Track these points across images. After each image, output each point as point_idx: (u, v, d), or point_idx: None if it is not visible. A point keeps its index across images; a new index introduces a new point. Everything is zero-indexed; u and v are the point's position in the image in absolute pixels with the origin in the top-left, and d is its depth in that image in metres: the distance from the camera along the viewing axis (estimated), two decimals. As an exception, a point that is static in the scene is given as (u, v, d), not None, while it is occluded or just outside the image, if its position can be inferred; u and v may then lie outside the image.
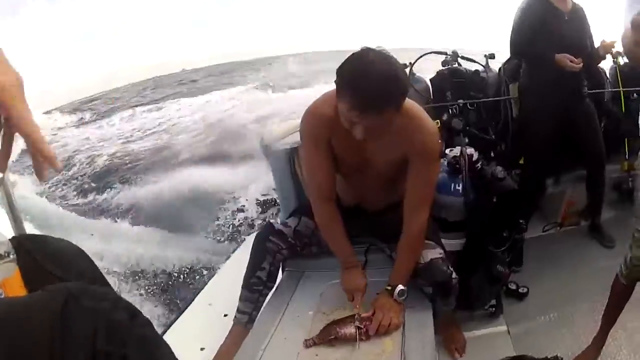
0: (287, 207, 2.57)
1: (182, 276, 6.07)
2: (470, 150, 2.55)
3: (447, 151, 2.59)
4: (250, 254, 2.26)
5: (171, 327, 2.61)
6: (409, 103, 1.91)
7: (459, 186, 2.46)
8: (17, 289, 0.77)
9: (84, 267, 0.93)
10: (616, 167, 3.78)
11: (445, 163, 2.54)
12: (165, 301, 5.46)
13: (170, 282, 5.97)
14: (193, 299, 2.98)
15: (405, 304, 2.01)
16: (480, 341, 2.69)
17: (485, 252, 2.51)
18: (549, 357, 2.41)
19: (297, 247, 2.27)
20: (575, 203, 3.90)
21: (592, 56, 3.24)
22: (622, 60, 3.65)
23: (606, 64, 3.70)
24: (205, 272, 5.77)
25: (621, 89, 3.66)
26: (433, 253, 2.07)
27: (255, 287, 2.21)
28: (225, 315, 2.47)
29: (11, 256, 0.78)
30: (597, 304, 2.81)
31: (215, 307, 2.76)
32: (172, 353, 0.82)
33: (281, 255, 2.25)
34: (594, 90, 3.42)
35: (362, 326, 1.83)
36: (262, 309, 2.20)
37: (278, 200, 2.94)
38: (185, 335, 2.52)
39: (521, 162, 3.45)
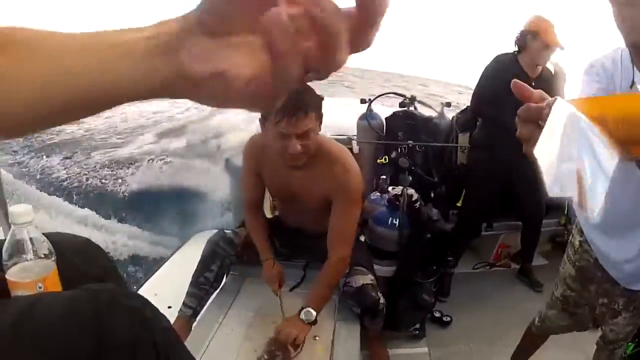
0: (239, 216, 2.85)
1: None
2: (411, 191, 2.89)
3: (390, 188, 2.94)
4: (202, 255, 2.55)
5: None
6: (336, 146, 2.28)
7: (395, 221, 2.80)
8: (55, 285, 0.88)
9: (104, 262, 1.06)
10: (554, 220, 4.08)
11: (386, 199, 2.90)
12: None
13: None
14: (139, 289, 3.20)
15: (336, 317, 2.36)
16: (402, 359, 3.00)
17: (413, 281, 2.86)
18: None
19: (244, 255, 2.58)
20: (508, 247, 4.28)
21: None
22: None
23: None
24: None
25: None
26: (365, 279, 2.37)
27: (202, 286, 2.47)
28: (170, 307, 2.68)
29: (53, 257, 0.89)
30: (516, 342, 3.21)
31: (161, 297, 3.00)
32: (183, 343, 0.95)
33: (229, 260, 2.55)
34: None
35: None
36: (207, 306, 2.48)
37: (231, 209, 3.22)
38: None
39: (458, 204, 3.80)
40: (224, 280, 2.60)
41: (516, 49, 3.38)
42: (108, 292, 0.80)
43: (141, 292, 3.01)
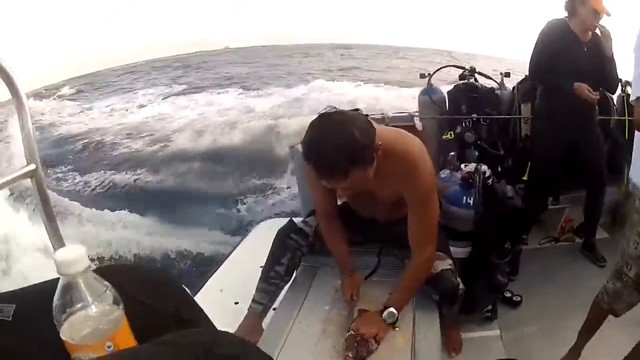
0: (308, 205, 2.56)
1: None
2: (484, 168, 2.59)
3: (462, 166, 2.65)
4: (271, 249, 2.30)
5: None
6: (406, 142, 1.91)
7: (470, 200, 2.52)
8: (128, 340, 0.68)
9: (178, 293, 0.85)
10: (614, 190, 3.76)
11: (459, 177, 2.61)
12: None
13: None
14: (202, 285, 2.99)
15: (414, 306, 2.10)
16: (475, 343, 2.76)
17: (489, 262, 2.58)
18: None
19: (316, 245, 2.30)
20: (572, 220, 3.96)
21: (607, 86, 3.29)
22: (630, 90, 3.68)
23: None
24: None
25: (627, 117, 3.68)
26: (443, 264, 2.11)
27: (273, 281, 2.25)
28: (237, 303, 2.52)
29: (120, 305, 0.67)
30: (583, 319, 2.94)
31: (226, 293, 2.78)
32: None
33: (300, 252, 2.28)
34: (603, 117, 3.45)
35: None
36: (280, 301, 2.25)
37: (300, 198, 2.96)
38: None
39: (524, 178, 3.48)
40: (295, 272, 2.36)
41: (566, 14, 3.16)
42: (202, 345, 0.59)
43: (205, 288, 2.80)
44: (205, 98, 16.96)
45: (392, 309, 1.95)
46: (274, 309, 2.28)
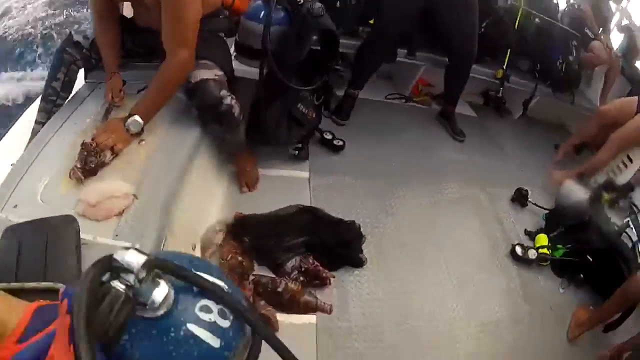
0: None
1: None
2: (292, -18, 2.27)
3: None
4: (50, 65, 2.20)
5: None
6: None
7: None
8: None
9: None
10: (490, 71, 3.70)
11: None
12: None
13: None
14: None
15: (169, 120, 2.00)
16: (278, 181, 2.58)
17: (286, 86, 2.28)
18: (345, 220, 2.34)
19: (92, 58, 2.16)
20: (431, 86, 3.83)
21: None
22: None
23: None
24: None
25: (521, 6, 3.64)
26: (207, 73, 1.96)
27: (50, 98, 2.14)
28: None
29: None
30: (414, 183, 2.82)
31: None
32: None
33: (76, 66, 2.15)
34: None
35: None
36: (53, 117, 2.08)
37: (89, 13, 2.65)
38: None
39: (371, 22, 3.20)
40: (74, 88, 2.21)
41: None
42: None
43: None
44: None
45: (136, 117, 1.83)
46: None
